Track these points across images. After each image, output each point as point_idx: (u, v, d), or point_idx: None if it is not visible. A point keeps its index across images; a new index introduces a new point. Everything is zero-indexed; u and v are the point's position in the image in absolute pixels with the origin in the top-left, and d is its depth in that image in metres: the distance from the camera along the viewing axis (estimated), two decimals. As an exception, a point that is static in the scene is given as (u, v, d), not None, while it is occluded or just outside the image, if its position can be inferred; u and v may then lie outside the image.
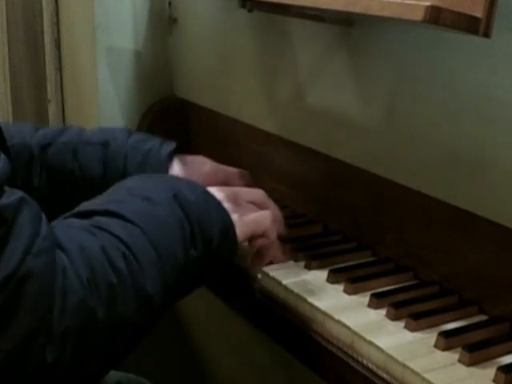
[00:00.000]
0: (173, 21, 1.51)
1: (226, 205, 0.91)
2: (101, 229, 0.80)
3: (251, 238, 0.95)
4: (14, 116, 1.66)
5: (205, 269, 0.87)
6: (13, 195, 0.71)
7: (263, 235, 0.95)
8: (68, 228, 0.80)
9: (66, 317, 0.71)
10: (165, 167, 1.10)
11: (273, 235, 0.96)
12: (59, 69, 1.62)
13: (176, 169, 1.11)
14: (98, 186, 1.07)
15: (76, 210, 0.85)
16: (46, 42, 1.62)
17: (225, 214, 0.89)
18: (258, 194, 1.00)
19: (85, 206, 0.86)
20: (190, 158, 1.14)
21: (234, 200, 0.94)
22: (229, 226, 0.89)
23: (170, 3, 1.50)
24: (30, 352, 0.69)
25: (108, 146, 1.10)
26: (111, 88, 1.49)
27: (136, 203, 0.85)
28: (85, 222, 0.81)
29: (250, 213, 0.94)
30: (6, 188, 0.72)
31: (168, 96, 1.55)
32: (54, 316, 0.70)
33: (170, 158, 1.11)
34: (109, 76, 1.48)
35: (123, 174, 1.08)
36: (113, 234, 0.79)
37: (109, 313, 0.74)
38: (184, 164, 1.12)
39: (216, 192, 0.92)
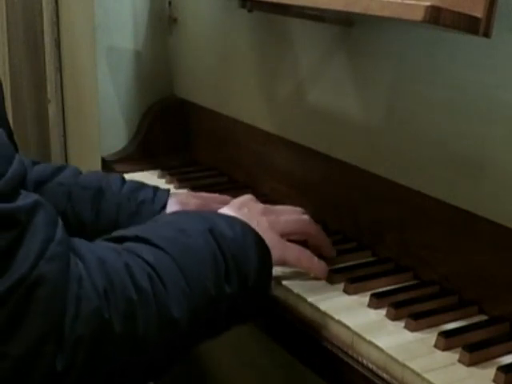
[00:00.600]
0: (173, 21, 1.51)
1: (264, 234, 0.90)
2: (128, 251, 0.79)
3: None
4: (13, 116, 1.66)
5: (242, 305, 0.86)
6: (28, 198, 0.71)
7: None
8: (91, 243, 0.79)
9: (79, 325, 0.70)
10: None
11: (319, 240, 1.00)
12: (59, 69, 1.63)
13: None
14: (89, 230, 1.09)
15: (107, 236, 0.84)
16: (46, 42, 1.62)
17: (263, 247, 0.89)
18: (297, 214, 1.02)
19: (116, 232, 0.85)
20: (179, 197, 1.14)
21: (271, 222, 0.95)
22: (266, 259, 0.89)
23: (169, 3, 1.51)
24: (40, 359, 0.68)
25: (102, 194, 1.11)
26: (111, 88, 1.49)
27: (169, 232, 0.84)
28: (112, 244, 0.81)
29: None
30: (22, 191, 0.71)
31: (168, 96, 1.55)
32: (66, 324, 0.69)
33: (163, 209, 1.11)
34: (109, 76, 1.48)
35: (115, 224, 1.09)
36: (139, 256, 0.78)
37: (126, 327, 0.73)
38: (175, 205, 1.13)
39: (252, 219, 0.92)
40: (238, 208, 0.97)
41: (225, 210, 0.97)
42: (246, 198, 1.02)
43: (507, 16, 0.82)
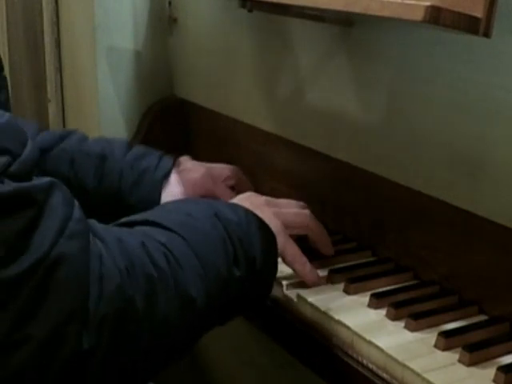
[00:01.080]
0: (173, 21, 1.51)
1: (268, 220, 0.91)
2: (141, 233, 0.79)
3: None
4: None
5: (250, 289, 0.86)
6: (43, 179, 0.70)
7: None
8: (105, 226, 0.79)
9: (104, 304, 0.69)
10: (159, 188, 1.11)
11: (318, 236, 1.00)
12: (59, 69, 1.62)
13: (172, 187, 1.13)
14: (92, 197, 1.09)
15: (117, 222, 0.84)
16: (46, 42, 1.62)
17: (267, 232, 0.89)
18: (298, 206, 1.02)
19: (125, 218, 0.85)
20: (183, 167, 1.15)
21: (275, 212, 0.95)
22: (272, 244, 0.89)
23: (170, 3, 1.50)
24: (65, 340, 0.67)
25: (105, 160, 1.12)
26: (111, 88, 1.49)
27: (177, 216, 0.85)
28: (124, 228, 0.81)
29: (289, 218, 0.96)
30: (34, 177, 0.71)
31: (168, 96, 1.55)
32: (90, 303, 0.68)
33: (166, 177, 1.12)
34: (109, 76, 1.48)
35: (117, 191, 1.10)
36: (153, 237, 0.78)
37: (149, 305, 0.73)
38: (180, 175, 1.14)
39: (257, 208, 0.92)
40: (240, 200, 0.97)
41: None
42: (248, 193, 1.02)
43: (507, 16, 0.82)
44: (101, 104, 1.48)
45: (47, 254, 0.66)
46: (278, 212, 0.96)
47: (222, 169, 1.20)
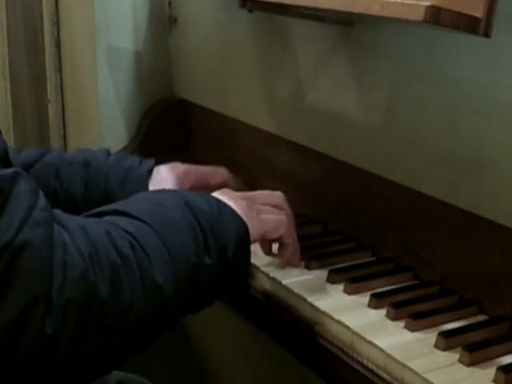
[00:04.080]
0: (173, 21, 1.51)
1: (240, 210, 0.91)
2: (108, 222, 0.80)
3: (266, 239, 0.97)
4: (13, 116, 1.66)
5: (222, 278, 0.86)
6: (7, 169, 0.71)
7: (280, 239, 0.97)
8: (71, 215, 0.79)
9: (67, 289, 0.70)
10: (146, 183, 1.11)
11: (289, 239, 0.97)
12: (59, 69, 1.62)
13: (162, 174, 1.13)
14: (81, 204, 1.10)
15: (86, 213, 0.85)
16: (45, 42, 1.62)
17: (240, 222, 0.89)
18: (275, 196, 1.00)
19: (95, 210, 0.86)
20: (164, 167, 1.15)
21: (249, 204, 0.94)
22: (244, 233, 0.89)
23: (169, 3, 1.50)
24: (29, 324, 0.68)
25: (89, 166, 1.12)
26: (111, 88, 1.49)
27: (147, 206, 0.86)
28: (91, 218, 0.82)
29: (266, 214, 0.95)
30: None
31: (168, 96, 1.55)
32: (54, 289, 0.69)
33: (150, 172, 1.12)
34: (109, 76, 1.48)
35: (105, 192, 1.10)
36: (119, 226, 0.79)
37: (113, 292, 0.74)
38: (159, 174, 1.14)
39: (230, 200, 0.92)
40: (216, 194, 0.97)
41: None
42: (224, 189, 1.01)
43: (507, 16, 0.82)
44: (101, 104, 1.48)
45: (12, 241, 0.68)
46: (248, 196, 0.96)
47: (208, 170, 1.19)
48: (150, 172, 1.12)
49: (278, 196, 1.01)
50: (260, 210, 0.95)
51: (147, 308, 0.77)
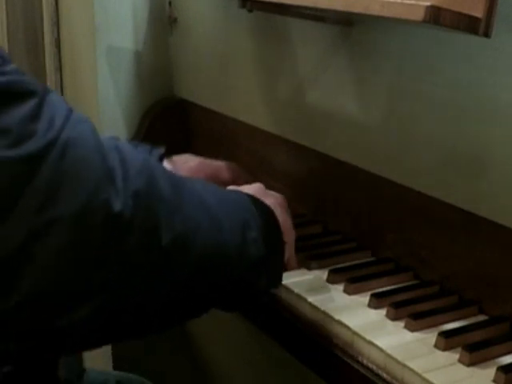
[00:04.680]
0: (173, 21, 1.51)
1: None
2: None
3: None
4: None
5: (265, 264, 0.85)
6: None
7: None
8: None
9: (131, 181, 0.69)
10: None
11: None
12: (59, 69, 1.62)
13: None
14: None
15: None
16: (45, 42, 1.62)
17: (272, 214, 0.89)
18: (256, 187, 0.99)
19: None
20: (177, 158, 1.15)
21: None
22: (277, 223, 0.89)
23: (170, 3, 1.50)
24: (93, 211, 0.66)
25: None
26: (111, 88, 1.49)
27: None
28: None
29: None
30: None
31: (168, 96, 1.55)
32: (117, 181, 0.68)
33: (160, 161, 1.11)
34: (109, 76, 1.48)
35: None
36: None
37: (176, 196, 0.73)
38: (173, 164, 1.13)
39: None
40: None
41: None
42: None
43: (507, 16, 0.82)
44: (101, 104, 1.48)
45: (57, 137, 0.66)
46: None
47: (220, 165, 1.19)
48: (161, 159, 1.11)
49: (257, 187, 0.99)
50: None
51: (210, 235, 0.76)
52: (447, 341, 0.84)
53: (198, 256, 0.75)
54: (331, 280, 0.99)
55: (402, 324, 0.89)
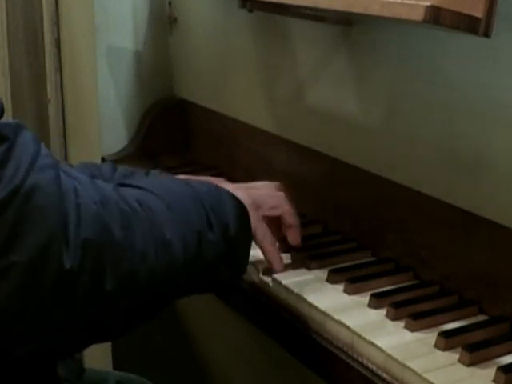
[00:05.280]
0: (173, 21, 1.51)
1: (240, 192, 0.92)
2: (114, 185, 0.82)
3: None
4: (13, 116, 1.66)
5: (225, 255, 0.87)
6: (9, 120, 0.73)
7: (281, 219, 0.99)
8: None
9: (82, 229, 0.72)
10: None
11: (291, 218, 0.99)
12: (59, 69, 1.62)
13: None
14: None
15: None
16: (45, 42, 1.62)
17: (238, 202, 0.90)
18: (274, 198, 1.02)
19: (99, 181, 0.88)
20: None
21: (243, 186, 0.97)
22: (244, 213, 0.90)
23: (170, 3, 1.50)
24: (48, 260, 0.70)
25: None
26: (111, 88, 1.49)
27: (150, 181, 0.90)
28: None
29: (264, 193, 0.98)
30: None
31: (168, 96, 1.55)
32: (70, 229, 0.71)
33: None
34: (109, 76, 1.48)
35: None
36: (126, 191, 0.81)
37: (125, 237, 0.75)
38: None
39: (227, 185, 0.95)
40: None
41: None
42: (221, 179, 1.04)
43: (507, 16, 0.82)
44: (101, 104, 1.48)
45: (21, 186, 0.70)
46: (250, 192, 0.97)
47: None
48: None
49: (276, 197, 1.01)
50: (259, 205, 0.96)
51: (158, 261, 0.78)
52: (447, 341, 0.84)
53: (147, 284, 0.78)
54: (331, 280, 0.99)
55: (401, 324, 0.89)
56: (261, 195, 0.99)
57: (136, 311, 0.80)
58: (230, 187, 0.95)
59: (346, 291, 0.96)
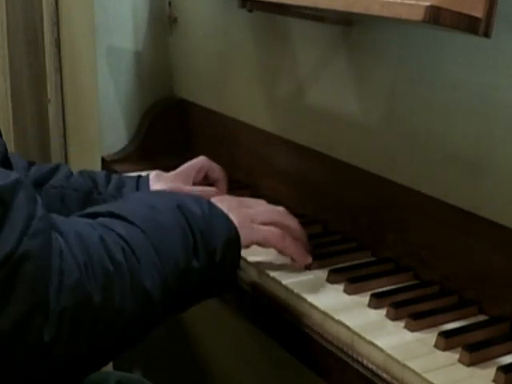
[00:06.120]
0: (173, 21, 1.51)
1: (233, 215, 0.92)
2: (102, 225, 0.82)
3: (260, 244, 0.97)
4: (13, 116, 1.66)
5: (210, 280, 0.88)
6: (8, 177, 0.73)
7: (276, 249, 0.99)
8: (68, 218, 0.82)
9: (62, 297, 0.72)
10: None
11: (283, 247, 0.98)
12: (59, 69, 1.63)
13: (154, 186, 1.18)
14: None
15: (81, 212, 0.88)
16: (45, 42, 1.62)
17: (230, 226, 0.91)
18: (271, 212, 1.00)
19: (90, 208, 0.89)
20: (158, 184, 1.19)
21: (243, 212, 0.96)
22: (234, 237, 0.91)
23: (169, 3, 1.51)
24: (28, 331, 0.70)
25: (90, 195, 1.16)
26: (111, 88, 1.49)
27: (140, 208, 0.88)
28: (86, 219, 0.84)
29: (259, 223, 0.96)
30: (1, 169, 0.73)
31: (168, 96, 1.55)
32: (51, 296, 0.71)
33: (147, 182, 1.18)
34: (109, 76, 1.48)
35: None
36: (113, 230, 0.81)
37: (105, 300, 0.76)
38: (159, 179, 1.19)
39: (223, 202, 0.94)
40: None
41: None
42: (225, 196, 1.05)
43: (507, 16, 0.82)
44: (101, 104, 1.48)
45: (13, 252, 0.70)
46: (245, 211, 0.97)
47: (190, 165, 1.23)
48: (148, 189, 1.17)
49: (275, 212, 1.00)
50: (254, 219, 0.96)
51: (136, 311, 0.79)
52: (447, 341, 0.84)
53: (121, 332, 0.79)
54: (331, 280, 0.99)
55: (402, 324, 0.89)
56: (258, 212, 0.98)
57: (112, 355, 0.82)
58: (226, 205, 0.94)
59: (346, 291, 0.96)
